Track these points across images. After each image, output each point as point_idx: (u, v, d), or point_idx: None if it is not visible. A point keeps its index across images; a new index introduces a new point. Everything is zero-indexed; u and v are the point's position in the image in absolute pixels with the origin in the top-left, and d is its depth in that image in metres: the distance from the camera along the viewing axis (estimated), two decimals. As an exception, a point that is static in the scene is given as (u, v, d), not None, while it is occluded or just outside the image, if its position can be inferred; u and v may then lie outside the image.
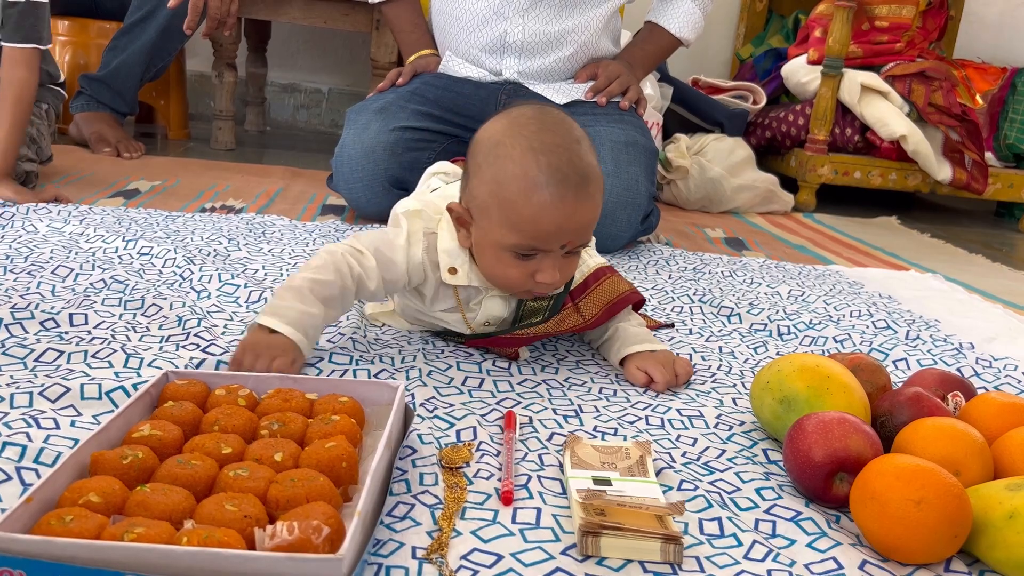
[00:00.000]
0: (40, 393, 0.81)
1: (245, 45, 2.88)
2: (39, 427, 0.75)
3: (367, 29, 2.45)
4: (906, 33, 2.53)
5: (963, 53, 3.16)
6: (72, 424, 0.77)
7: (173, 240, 1.40)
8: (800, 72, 2.62)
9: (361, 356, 0.99)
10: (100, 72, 2.27)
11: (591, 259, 1.06)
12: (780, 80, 2.75)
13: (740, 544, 0.69)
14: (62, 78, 1.88)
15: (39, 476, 0.68)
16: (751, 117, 2.67)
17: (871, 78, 2.48)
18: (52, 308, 1.02)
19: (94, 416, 0.79)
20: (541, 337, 1.02)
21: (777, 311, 1.34)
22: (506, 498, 0.71)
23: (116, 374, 0.88)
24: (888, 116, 2.44)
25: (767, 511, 0.75)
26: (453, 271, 0.98)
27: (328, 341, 1.03)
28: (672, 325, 1.25)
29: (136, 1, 2.25)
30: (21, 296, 1.06)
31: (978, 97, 2.62)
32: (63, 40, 2.47)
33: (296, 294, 0.94)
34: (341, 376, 0.94)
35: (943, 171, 2.49)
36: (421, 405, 0.89)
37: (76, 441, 0.73)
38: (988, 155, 2.67)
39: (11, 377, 0.85)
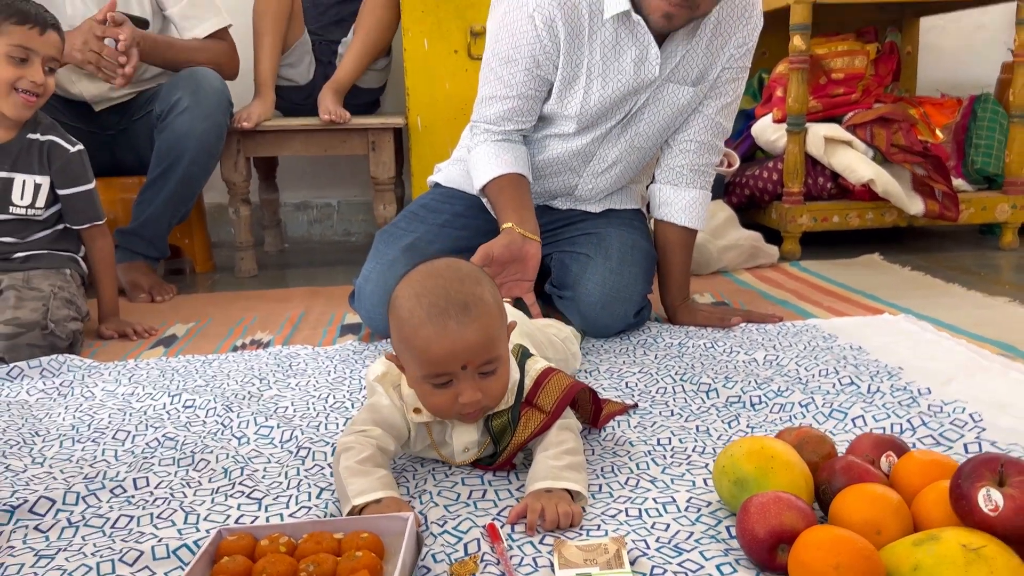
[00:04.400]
0: (120, 559, 0.98)
1: (256, 176, 3.13)
2: (123, 591, 0.92)
3: (364, 152, 2.67)
4: (860, 82, 2.71)
5: (926, 85, 3.32)
6: (149, 584, 0.94)
7: (211, 388, 1.59)
8: (768, 131, 2.80)
9: (381, 484, 1.15)
10: (132, 225, 2.51)
11: (537, 363, 1.20)
12: (752, 139, 2.93)
13: (697, 619, 0.84)
14: (82, 251, 2.10)
15: (129, 634, 0.85)
16: (728, 178, 2.84)
17: (833, 129, 2.65)
18: (117, 475, 1.20)
19: (166, 574, 0.96)
20: (518, 449, 1.14)
21: (750, 381, 1.49)
22: None
23: (179, 531, 1.05)
24: (854, 163, 2.60)
25: (724, 585, 0.90)
26: (417, 411, 1.14)
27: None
28: (636, 406, 1.40)
29: (155, 159, 2.49)
30: (90, 465, 1.25)
31: (938, 132, 2.78)
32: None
33: (359, 474, 1.06)
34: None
35: (915, 205, 2.63)
36: (434, 523, 1.05)
37: (154, 599, 0.90)
38: (960, 181, 2.81)
39: (94, 546, 1.02)
